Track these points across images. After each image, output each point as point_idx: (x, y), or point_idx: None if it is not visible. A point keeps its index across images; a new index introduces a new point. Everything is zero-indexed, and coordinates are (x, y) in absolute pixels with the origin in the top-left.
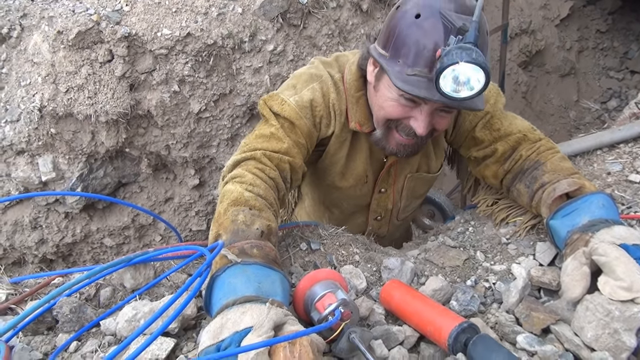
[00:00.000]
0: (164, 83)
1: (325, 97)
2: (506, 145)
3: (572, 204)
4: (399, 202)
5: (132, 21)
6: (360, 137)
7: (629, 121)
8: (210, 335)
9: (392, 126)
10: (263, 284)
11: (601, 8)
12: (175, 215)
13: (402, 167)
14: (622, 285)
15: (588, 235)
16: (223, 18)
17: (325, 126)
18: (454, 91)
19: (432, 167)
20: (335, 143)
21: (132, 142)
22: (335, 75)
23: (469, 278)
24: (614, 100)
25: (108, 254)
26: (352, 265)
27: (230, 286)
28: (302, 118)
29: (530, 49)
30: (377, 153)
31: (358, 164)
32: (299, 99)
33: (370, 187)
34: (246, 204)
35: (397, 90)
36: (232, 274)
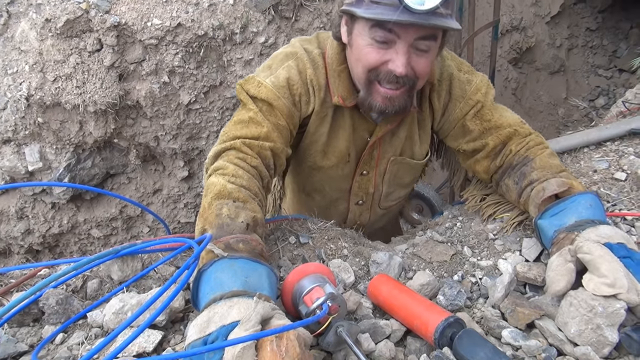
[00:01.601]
0: (154, 74)
1: (302, 74)
2: (497, 139)
3: (560, 204)
4: (381, 186)
5: (121, 10)
6: (344, 113)
7: (616, 119)
8: (197, 329)
9: (373, 79)
10: (250, 278)
11: (591, 6)
12: (163, 207)
13: (385, 150)
14: (605, 282)
15: (574, 234)
16: (214, 9)
17: (305, 104)
18: (419, 3)
19: (416, 153)
20: (316, 120)
21: (121, 133)
22: (314, 51)
23: (456, 273)
24: (602, 98)
25: (95, 245)
26: (340, 259)
27: (218, 280)
28: (280, 98)
29: (521, 45)
30: (361, 131)
31: (340, 141)
32: (275, 79)
33: (352, 168)
34: (230, 197)
35: (368, 34)
36: (219, 269)
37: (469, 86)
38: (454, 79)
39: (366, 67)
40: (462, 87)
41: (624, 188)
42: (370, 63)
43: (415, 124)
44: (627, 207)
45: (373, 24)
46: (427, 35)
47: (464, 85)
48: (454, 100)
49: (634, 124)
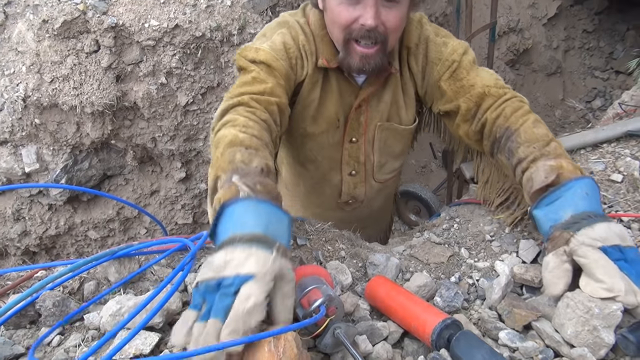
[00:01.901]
0: (151, 75)
1: (295, 40)
2: (469, 101)
3: (555, 192)
4: (372, 155)
5: (119, 11)
6: (331, 78)
7: (612, 121)
8: (213, 268)
9: (348, 37)
10: (271, 224)
11: (588, 8)
12: (161, 208)
13: (372, 115)
14: (602, 287)
15: (569, 234)
16: (212, 10)
17: (300, 67)
18: None
19: (403, 118)
20: (309, 84)
21: (118, 134)
22: (300, 20)
23: (453, 274)
24: (599, 99)
25: (92, 246)
26: (337, 260)
27: (241, 219)
28: (278, 60)
29: (518, 47)
30: (346, 96)
31: (330, 105)
32: (272, 43)
33: (341, 135)
34: (242, 144)
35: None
36: (244, 207)
37: (445, 48)
38: (430, 42)
39: (341, 26)
40: (438, 49)
41: (620, 190)
42: (343, 21)
43: (399, 88)
44: (623, 209)
45: None
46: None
47: (440, 47)
48: (430, 63)
49: (631, 126)
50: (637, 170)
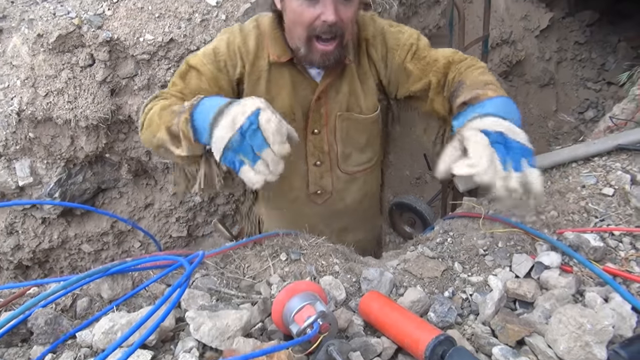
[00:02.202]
0: (146, 88)
1: (231, 45)
2: (437, 74)
3: (471, 107)
4: (335, 145)
5: (114, 25)
6: (282, 72)
7: (603, 135)
8: (227, 128)
9: (311, 34)
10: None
11: (580, 20)
12: (155, 221)
13: (332, 106)
14: (467, 162)
15: (466, 125)
16: (206, 24)
17: (231, 67)
18: None
19: (363, 107)
20: (249, 81)
21: (113, 148)
22: (248, 25)
23: (446, 289)
24: (591, 110)
25: (86, 260)
26: (331, 275)
27: (213, 102)
28: (205, 64)
29: (511, 59)
30: (302, 90)
31: (282, 99)
32: (205, 49)
33: (301, 127)
34: (171, 105)
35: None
36: (208, 100)
37: (401, 35)
38: (386, 32)
39: (304, 24)
40: (395, 36)
41: (611, 203)
42: (305, 20)
43: (355, 78)
44: (615, 223)
45: None
46: None
47: (396, 34)
48: (391, 50)
49: (621, 139)
50: (628, 183)
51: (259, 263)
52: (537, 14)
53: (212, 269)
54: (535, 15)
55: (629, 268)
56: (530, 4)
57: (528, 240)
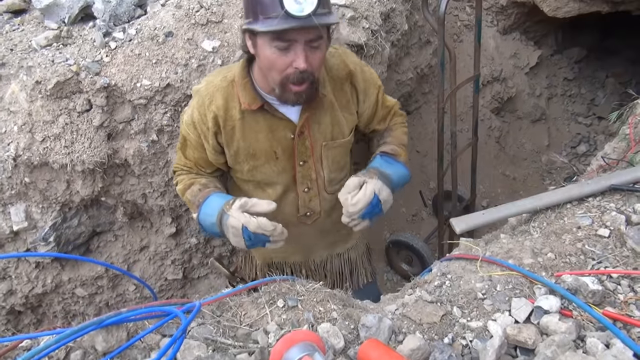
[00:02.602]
0: (143, 132)
1: (201, 107)
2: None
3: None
4: (322, 171)
5: (111, 72)
6: (257, 118)
7: (596, 174)
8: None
9: (285, 81)
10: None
11: (568, 57)
12: (150, 264)
13: (316, 138)
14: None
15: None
16: (203, 69)
17: (206, 130)
18: (300, 10)
19: (345, 132)
20: (225, 133)
21: (108, 191)
22: (215, 79)
23: (446, 335)
24: (583, 145)
25: (80, 304)
26: (329, 322)
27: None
28: (189, 134)
29: (502, 95)
30: (280, 131)
31: (261, 142)
32: (187, 117)
33: (286, 162)
34: (185, 189)
35: (269, 43)
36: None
37: (371, 75)
38: (363, 66)
39: (277, 71)
40: (370, 73)
41: (608, 245)
42: (278, 67)
43: (336, 108)
44: (612, 265)
45: (273, 37)
46: (316, 35)
47: (371, 72)
48: (369, 85)
49: (614, 180)
50: (624, 224)
51: (256, 310)
52: (526, 52)
53: (208, 317)
54: (524, 53)
55: (628, 312)
56: (519, 43)
57: (526, 284)
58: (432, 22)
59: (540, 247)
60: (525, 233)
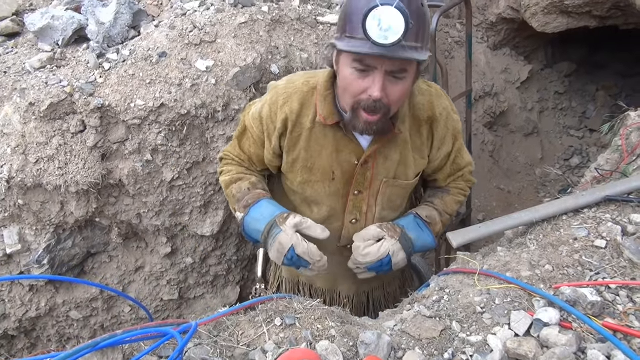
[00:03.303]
0: (137, 152)
1: (273, 105)
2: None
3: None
4: (374, 207)
5: (105, 93)
6: (326, 133)
7: (591, 185)
8: (277, 254)
9: (357, 107)
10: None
11: (558, 71)
12: (145, 284)
13: (379, 172)
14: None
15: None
16: (197, 89)
17: (273, 130)
18: (383, 38)
19: (410, 175)
20: (289, 139)
21: (103, 212)
22: (298, 81)
23: (446, 351)
24: (576, 157)
25: (74, 327)
26: (328, 340)
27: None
28: (253, 127)
29: (495, 110)
30: (346, 153)
31: (323, 159)
32: (255, 111)
33: (341, 186)
34: (231, 182)
35: (349, 64)
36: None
37: (458, 124)
38: (450, 116)
39: (351, 95)
40: (455, 125)
41: (605, 256)
42: (353, 91)
43: (409, 148)
44: (610, 275)
45: (354, 58)
46: (398, 67)
47: (456, 124)
48: (450, 135)
49: (609, 191)
50: (620, 235)
51: (253, 329)
52: (516, 67)
53: (205, 338)
54: (515, 68)
55: (628, 323)
56: (510, 58)
57: (525, 297)
58: None
59: (538, 259)
60: (522, 246)
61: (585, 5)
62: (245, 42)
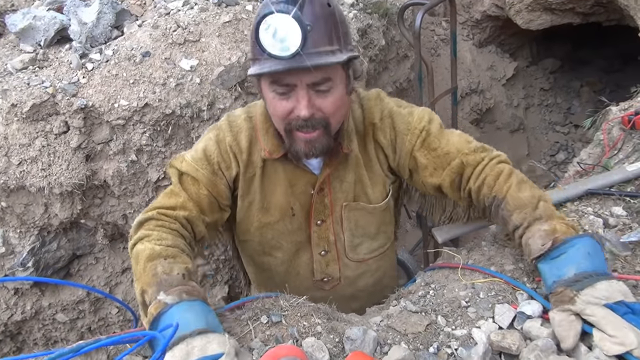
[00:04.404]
0: (121, 153)
1: (221, 143)
2: (451, 174)
3: (559, 247)
4: (342, 234)
5: (88, 93)
6: (276, 168)
7: (573, 179)
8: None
9: (289, 128)
10: (209, 319)
11: (543, 68)
12: (132, 286)
13: (337, 197)
14: (615, 341)
15: (572, 293)
16: (181, 88)
17: (225, 169)
18: (281, 49)
19: (370, 197)
20: (243, 181)
21: (88, 213)
22: (240, 117)
23: (431, 344)
24: (562, 153)
25: (61, 330)
26: (314, 337)
27: (183, 320)
28: (198, 170)
29: (481, 107)
30: (301, 185)
31: (279, 196)
32: (194, 152)
33: (303, 220)
34: (160, 256)
35: (268, 87)
36: (182, 310)
37: (411, 117)
38: (394, 115)
39: (279, 118)
40: (404, 120)
41: None
42: (280, 114)
43: (361, 167)
44: None
45: (270, 80)
46: (320, 77)
47: (406, 117)
48: (400, 135)
49: (590, 184)
50: (601, 227)
51: (239, 327)
52: (502, 64)
53: None
54: (501, 65)
55: None
56: (495, 55)
57: (509, 290)
58: (408, 37)
59: (522, 253)
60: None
61: (568, 2)
62: (229, 41)
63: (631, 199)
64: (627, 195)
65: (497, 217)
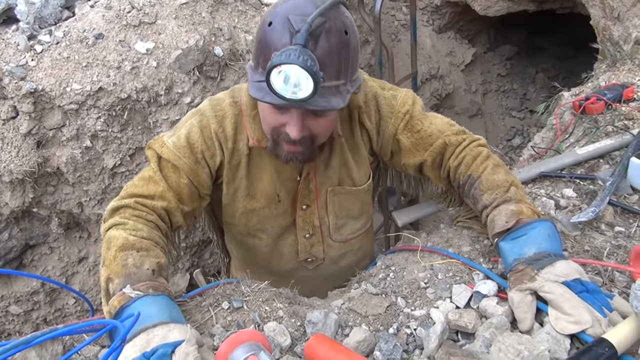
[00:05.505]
0: (75, 139)
1: (205, 129)
2: (433, 153)
3: (521, 228)
4: (326, 218)
5: (38, 76)
6: (262, 156)
7: (527, 163)
8: (137, 348)
9: (275, 137)
10: (173, 313)
11: (500, 54)
12: (90, 275)
13: (322, 182)
14: (570, 320)
15: (534, 271)
16: (137, 72)
17: (210, 158)
18: (292, 93)
19: (355, 179)
20: (229, 169)
21: (41, 201)
22: (225, 101)
23: (391, 325)
24: (518, 137)
25: (15, 323)
26: (275, 321)
27: (145, 313)
28: (180, 158)
29: (440, 92)
30: (287, 172)
31: (265, 183)
32: (176, 139)
33: (288, 205)
34: (133, 248)
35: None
36: (145, 303)
37: (395, 101)
38: (379, 97)
39: (270, 128)
40: (389, 103)
41: None
42: (272, 124)
43: (346, 150)
44: None
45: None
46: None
47: (390, 101)
48: (385, 118)
49: (543, 167)
50: (553, 209)
51: (200, 314)
52: (460, 50)
53: None
54: (460, 51)
55: None
56: (454, 41)
57: (466, 270)
58: (368, 21)
59: (477, 234)
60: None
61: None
62: (186, 24)
63: (581, 181)
64: (577, 177)
65: (468, 195)
